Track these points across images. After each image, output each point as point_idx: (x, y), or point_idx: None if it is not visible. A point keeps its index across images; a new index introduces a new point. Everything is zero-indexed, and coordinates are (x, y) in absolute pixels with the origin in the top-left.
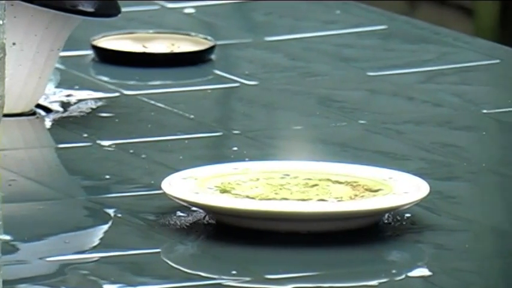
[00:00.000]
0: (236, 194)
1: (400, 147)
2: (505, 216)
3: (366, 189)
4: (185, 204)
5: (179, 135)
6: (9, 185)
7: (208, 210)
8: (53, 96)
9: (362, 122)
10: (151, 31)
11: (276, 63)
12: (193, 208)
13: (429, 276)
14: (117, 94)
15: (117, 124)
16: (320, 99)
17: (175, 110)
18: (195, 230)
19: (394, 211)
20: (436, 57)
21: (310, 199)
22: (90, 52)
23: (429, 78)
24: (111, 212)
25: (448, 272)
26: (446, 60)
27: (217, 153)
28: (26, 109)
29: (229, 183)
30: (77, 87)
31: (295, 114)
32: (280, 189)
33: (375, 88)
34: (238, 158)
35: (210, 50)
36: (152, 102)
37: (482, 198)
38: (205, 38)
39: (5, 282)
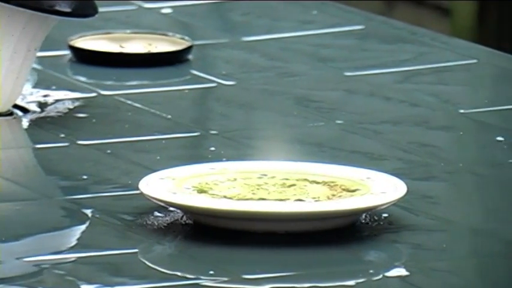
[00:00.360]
0: (213, 194)
1: (377, 147)
2: (482, 216)
3: (344, 189)
4: (163, 204)
5: (156, 135)
6: None
7: (186, 210)
8: (30, 96)
9: (339, 122)
10: (128, 31)
11: (254, 63)
12: (171, 208)
13: (406, 276)
14: (94, 94)
15: (94, 124)
16: (297, 99)
17: (153, 110)
18: (172, 230)
19: (371, 211)
20: (413, 57)
21: (288, 199)
22: (67, 52)
23: (406, 78)
24: (88, 212)
25: (426, 272)
26: (424, 60)
27: (194, 153)
28: (3, 109)
29: (206, 183)
30: (54, 87)
31: (272, 114)
32: (258, 189)
33: (352, 88)
34: (216, 158)
35: (187, 50)
36: (129, 102)
37: (460, 198)
38: (183, 38)
39: None
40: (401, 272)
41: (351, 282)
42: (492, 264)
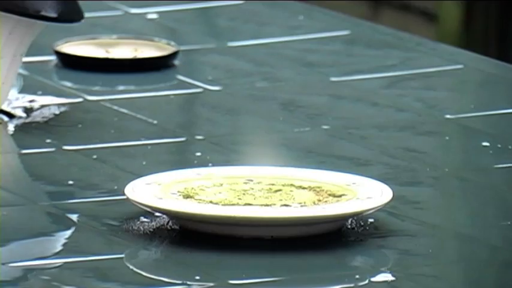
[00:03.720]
0: (199, 200)
1: (363, 152)
2: (468, 220)
3: (330, 195)
4: (148, 209)
5: (142, 140)
6: None
7: (172, 215)
8: (16, 101)
9: (325, 127)
10: (114, 36)
11: (240, 69)
12: (157, 214)
13: (393, 281)
14: (80, 100)
15: (80, 130)
16: (284, 104)
17: (139, 116)
18: (158, 235)
19: (357, 216)
20: (400, 62)
21: (274, 204)
22: (53, 58)
23: (392, 84)
24: (74, 217)
25: (412, 277)
26: (410, 65)
27: (180, 158)
28: None
29: (192, 188)
30: (40, 92)
31: (258, 119)
32: (244, 194)
33: (339, 93)
34: (202, 163)
35: (173, 55)
36: (115, 107)
37: (446, 203)
38: (169, 44)
39: None
40: (387, 277)
41: None
42: (478, 270)
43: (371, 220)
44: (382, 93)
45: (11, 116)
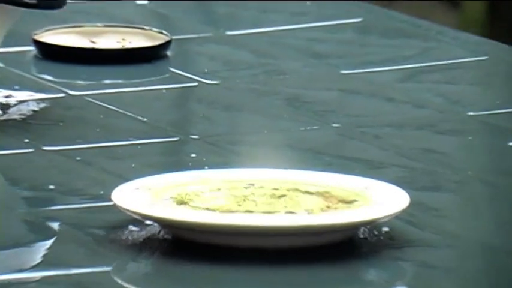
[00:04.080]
0: (195, 206)
1: (377, 153)
2: (493, 230)
3: (340, 201)
4: (138, 217)
5: (131, 140)
6: None
7: (164, 224)
8: None
9: (335, 125)
10: (99, 24)
11: (240, 60)
12: (147, 222)
13: None
14: (62, 95)
15: (62, 128)
16: (289, 100)
17: (127, 113)
18: (149, 246)
19: (370, 225)
20: (418, 53)
21: (278, 212)
22: (31, 48)
23: (410, 77)
24: (55, 226)
25: None
26: (429, 56)
27: (173, 160)
28: None
29: (187, 194)
30: (17, 87)
31: (260, 117)
32: (244, 200)
33: (350, 88)
34: (197, 165)
35: (166, 45)
36: (101, 103)
37: (469, 210)
38: (160, 32)
39: None
40: None
41: None
42: (505, 284)
43: (386, 229)
44: (398, 88)
45: None
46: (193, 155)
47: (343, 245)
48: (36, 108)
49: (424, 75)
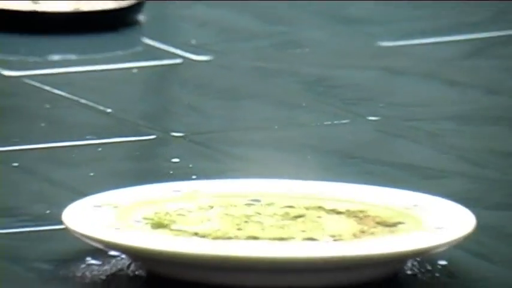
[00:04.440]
0: (178, 231)
1: (432, 157)
2: None
3: (379, 223)
4: (99, 246)
5: (89, 139)
6: None
7: (135, 255)
8: None
9: (373, 118)
10: None
11: (240, 28)
12: (112, 252)
13: None
14: None
15: None
16: (308, 83)
17: (83, 101)
18: (114, 285)
19: (422, 256)
20: (488, 18)
21: (293, 238)
22: None
23: (477, 51)
24: None
25: None
26: (503, 23)
27: (148, 167)
28: None
29: (167, 213)
30: None
31: (268, 106)
32: (247, 222)
33: (392, 66)
34: (181, 174)
35: (136, 7)
36: (47, 88)
37: None
38: None
39: None
40: None
41: None
42: None
43: (443, 262)
44: (461, 67)
45: None
46: (175, 160)
47: (385, 284)
48: None
49: (497, 48)
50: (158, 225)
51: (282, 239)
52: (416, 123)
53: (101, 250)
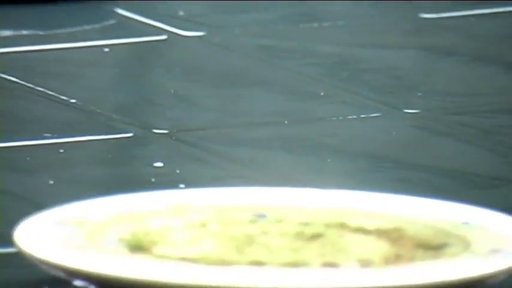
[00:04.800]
0: (161, 256)
1: (484, 160)
2: None
3: (419, 245)
4: (61, 274)
5: (48, 138)
6: None
7: (107, 285)
8: None
9: (411, 111)
10: None
11: None
12: (78, 282)
13: None
14: None
15: None
16: (329, 65)
17: (40, 89)
18: None
19: (475, 287)
20: None
21: (309, 264)
22: None
23: None
24: None
25: None
26: None
27: (123, 173)
28: None
29: (147, 233)
30: None
31: (275, 96)
32: (250, 244)
33: (437, 44)
34: (165, 182)
35: None
36: (1, 75)
37: None
38: None
39: None
40: None
41: None
42: None
43: None
44: None
45: None
46: (158, 164)
47: None
48: None
49: None
50: (136, 247)
51: (294, 264)
52: (464, 118)
53: (62, 279)
